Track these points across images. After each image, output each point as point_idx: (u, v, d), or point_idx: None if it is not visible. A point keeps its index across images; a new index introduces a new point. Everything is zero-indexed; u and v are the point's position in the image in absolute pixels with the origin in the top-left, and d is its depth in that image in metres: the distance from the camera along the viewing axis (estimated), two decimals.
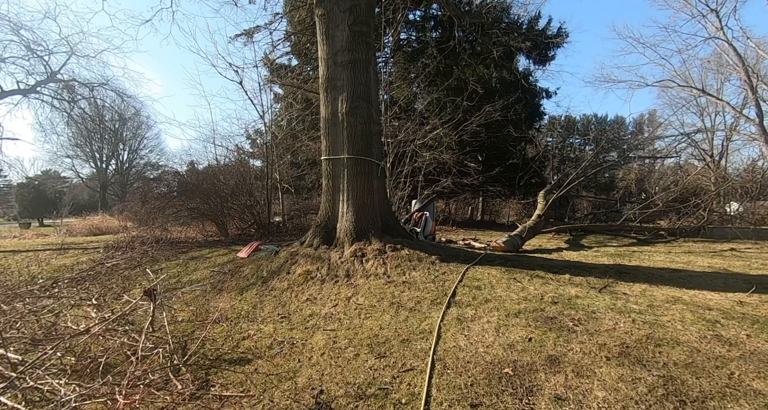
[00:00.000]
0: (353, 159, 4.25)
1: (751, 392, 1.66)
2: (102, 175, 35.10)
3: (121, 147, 37.14)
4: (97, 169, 35.83)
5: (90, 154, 35.22)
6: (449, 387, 1.81)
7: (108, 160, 36.46)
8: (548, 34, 14.53)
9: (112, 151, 36.43)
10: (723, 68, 21.97)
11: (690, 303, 2.76)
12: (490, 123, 11.39)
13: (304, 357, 2.22)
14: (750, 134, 22.37)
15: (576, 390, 1.75)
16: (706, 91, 23.43)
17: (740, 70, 19.54)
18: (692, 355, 1.97)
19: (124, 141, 36.92)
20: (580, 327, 2.35)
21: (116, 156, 37.13)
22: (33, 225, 20.82)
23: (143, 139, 37.58)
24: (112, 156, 36.74)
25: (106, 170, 35.94)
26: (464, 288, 3.11)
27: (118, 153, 37.16)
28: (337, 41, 4.22)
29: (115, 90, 23.31)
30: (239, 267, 4.44)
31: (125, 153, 37.78)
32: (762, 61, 20.38)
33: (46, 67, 19.45)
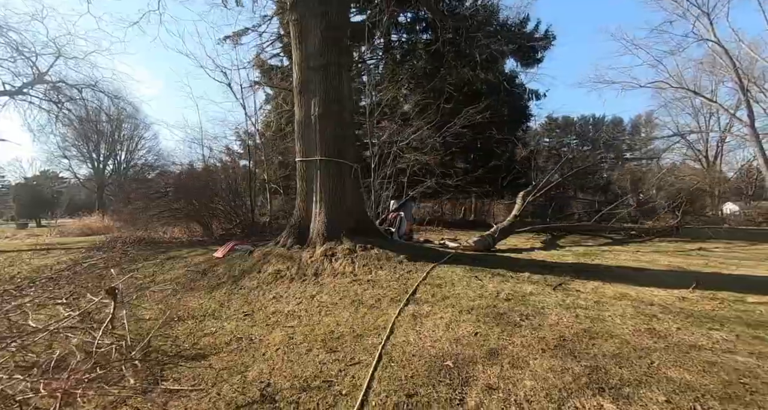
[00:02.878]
0: (326, 161, 4.33)
1: (665, 379, 1.77)
2: (99, 175, 34.77)
3: (119, 147, 36.98)
4: (94, 169, 35.60)
5: (87, 155, 35.07)
6: (390, 378, 1.90)
7: (105, 160, 36.27)
8: (536, 36, 14.76)
9: (109, 151, 36.25)
10: (717, 70, 22.08)
11: (635, 299, 2.89)
12: (475, 124, 11.56)
13: (259, 353, 2.29)
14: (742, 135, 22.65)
15: (508, 379, 1.85)
16: (698, 93, 23.67)
17: (731, 71, 19.82)
18: (621, 347, 2.09)
19: (121, 141, 36.79)
20: (526, 322, 2.46)
21: (114, 156, 36.94)
22: (30, 225, 20.57)
23: (141, 139, 37.40)
24: (110, 156, 36.54)
25: (103, 171, 35.68)
26: (426, 286, 3.21)
27: (116, 153, 36.98)
28: (310, 46, 4.30)
29: (104, 91, 23.15)
30: (213, 267, 4.48)
31: (123, 153, 37.58)
32: (755, 63, 20.38)
33: (33, 68, 19.20)
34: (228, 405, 1.74)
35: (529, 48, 14.10)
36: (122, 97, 28.86)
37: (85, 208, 20.48)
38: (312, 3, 4.21)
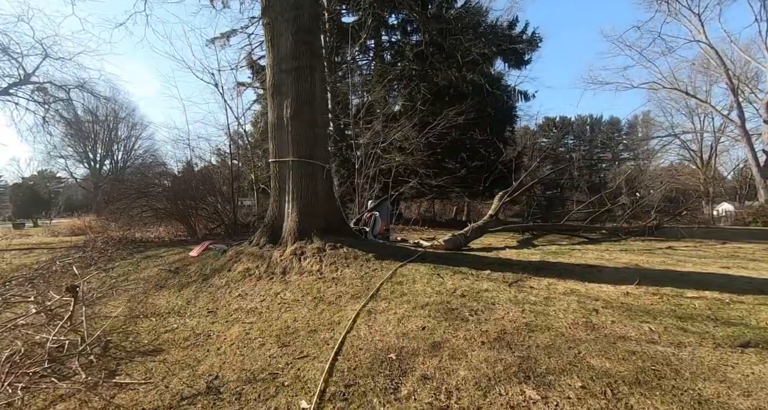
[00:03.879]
0: (298, 161, 4.40)
1: (587, 367, 1.89)
2: (96, 175, 34.40)
3: (116, 147, 36.79)
4: (90, 169, 35.26)
5: (84, 155, 34.84)
6: (334, 370, 1.99)
7: (102, 160, 36.04)
8: (523, 39, 14.96)
9: (106, 151, 36.01)
10: (709, 71, 22.48)
11: (583, 294, 3.03)
12: (460, 125, 11.71)
13: (214, 348, 2.36)
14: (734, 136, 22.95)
15: (444, 370, 1.95)
16: (690, 94, 24.00)
17: (722, 72, 20.17)
18: (555, 339, 2.21)
19: (118, 141, 36.63)
20: (474, 317, 2.57)
21: (111, 156, 36.66)
22: (27, 225, 20.31)
23: (138, 139, 37.19)
24: (106, 156, 36.27)
25: (100, 170, 35.34)
26: (388, 283, 3.31)
27: (113, 153, 36.74)
28: (282, 49, 4.36)
29: (92, 92, 23.02)
30: (186, 266, 4.52)
31: (119, 153, 37.34)
32: (749, 64, 20.73)
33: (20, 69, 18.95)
34: (173, 397, 1.81)
35: (516, 50, 14.30)
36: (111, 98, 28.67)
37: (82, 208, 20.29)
38: (283, 7, 4.27)
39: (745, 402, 1.58)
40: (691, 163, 31.36)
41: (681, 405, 1.58)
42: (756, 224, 16.69)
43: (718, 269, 4.21)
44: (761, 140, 19.44)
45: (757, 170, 18.80)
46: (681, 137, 29.40)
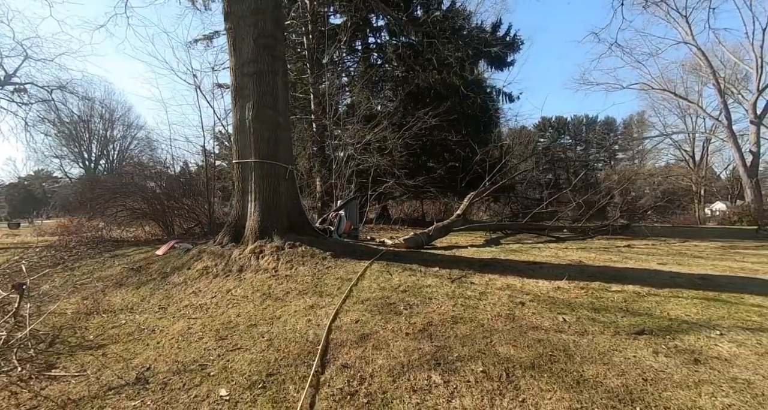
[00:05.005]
0: (260, 163, 4.47)
1: (493, 354, 2.04)
2: (91, 175, 33.80)
3: (111, 147, 36.27)
4: (85, 169, 34.63)
5: (79, 154, 34.24)
6: (261, 361, 2.09)
7: (97, 160, 35.40)
8: (506, 41, 15.21)
9: (101, 150, 35.48)
10: (698, 72, 22.74)
11: (517, 289, 3.19)
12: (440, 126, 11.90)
13: (154, 342, 2.43)
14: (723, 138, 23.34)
15: (364, 359, 2.08)
16: (679, 94, 24.36)
17: (709, 73, 20.61)
18: (474, 330, 2.36)
19: (113, 141, 36.17)
20: (407, 311, 2.71)
21: (106, 156, 36.09)
22: (23, 225, 19.84)
23: (133, 139, 36.70)
24: (101, 156, 35.70)
25: (95, 170, 34.72)
26: (337, 280, 3.42)
27: (108, 153, 36.18)
28: (244, 53, 4.42)
29: (75, 93, 22.71)
30: (150, 264, 4.55)
31: (115, 153, 36.77)
32: (738, 66, 21.05)
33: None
34: (101, 388, 1.89)
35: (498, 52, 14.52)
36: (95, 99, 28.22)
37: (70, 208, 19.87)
38: (245, 13, 4.34)
39: (616, 381, 1.75)
40: (683, 163, 31.68)
41: (562, 385, 1.74)
42: (741, 223, 16.83)
43: (656, 265, 4.44)
44: (749, 140, 19.85)
45: (744, 170, 19.06)
46: (673, 137, 29.74)
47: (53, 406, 1.74)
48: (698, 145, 29.97)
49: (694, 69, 23.23)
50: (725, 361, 1.89)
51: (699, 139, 29.18)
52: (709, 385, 1.69)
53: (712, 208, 25.72)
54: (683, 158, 31.40)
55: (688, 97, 25.35)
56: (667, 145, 30.80)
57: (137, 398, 1.79)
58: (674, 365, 1.88)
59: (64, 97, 22.67)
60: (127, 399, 1.78)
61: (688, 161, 30.86)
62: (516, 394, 1.71)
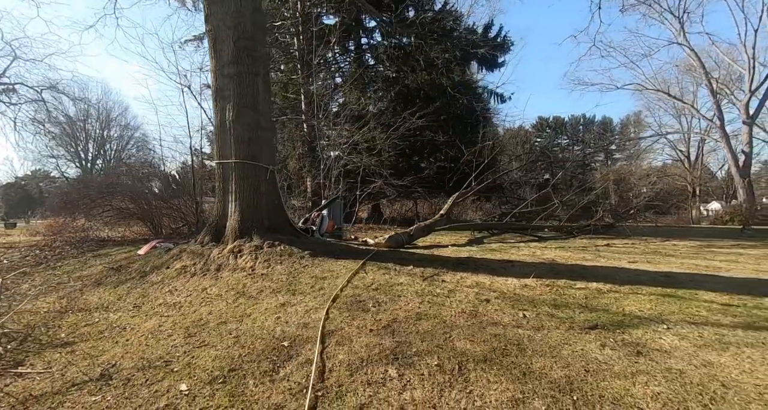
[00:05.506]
0: (240, 163, 4.50)
1: (450, 349, 2.11)
2: (87, 174, 33.45)
3: (108, 147, 36.01)
4: (82, 169, 34.30)
5: (75, 154, 33.94)
6: (225, 357, 2.14)
7: (94, 159, 35.10)
8: (498, 42, 15.33)
9: (97, 150, 35.24)
10: (691, 72, 22.85)
11: (486, 287, 3.27)
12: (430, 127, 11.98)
13: (123, 339, 2.46)
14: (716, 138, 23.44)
15: (327, 355, 2.13)
16: (673, 95, 24.44)
17: (702, 74, 20.78)
18: (436, 326, 2.43)
19: (110, 140, 35.97)
20: (375, 308, 2.77)
21: (102, 156, 35.82)
22: (20, 225, 19.59)
23: (130, 139, 36.44)
24: (98, 156, 35.41)
25: (91, 170, 34.38)
26: (312, 278, 3.47)
27: (104, 153, 35.92)
28: (224, 55, 4.44)
29: (65, 93, 22.53)
30: (130, 264, 4.55)
31: (112, 153, 36.50)
32: (732, 66, 21.07)
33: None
34: (64, 384, 1.92)
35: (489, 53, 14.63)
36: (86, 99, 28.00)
37: None
38: (224, 15, 4.36)
39: (560, 372, 1.82)
40: (679, 163, 31.70)
41: (509, 376, 1.82)
42: (732, 223, 17.01)
43: (625, 264, 4.56)
44: (742, 141, 19.94)
45: (736, 170, 19.25)
46: (668, 137, 29.73)
47: (14, 402, 1.76)
48: (693, 144, 30.04)
49: (687, 70, 23.34)
50: (665, 353, 1.98)
51: (694, 139, 29.30)
52: (645, 375, 1.77)
53: (708, 208, 25.85)
54: (679, 158, 31.45)
55: (684, 97, 25.40)
56: (662, 145, 30.90)
57: (98, 393, 1.82)
58: (617, 357, 1.96)
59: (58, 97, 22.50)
60: (88, 395, 1.81)
61: (683, 161, 30.90)
62: (465, 386, 1.78)
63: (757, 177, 31.40)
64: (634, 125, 37.85)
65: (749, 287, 3.26)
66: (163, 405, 1.69)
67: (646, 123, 32.65)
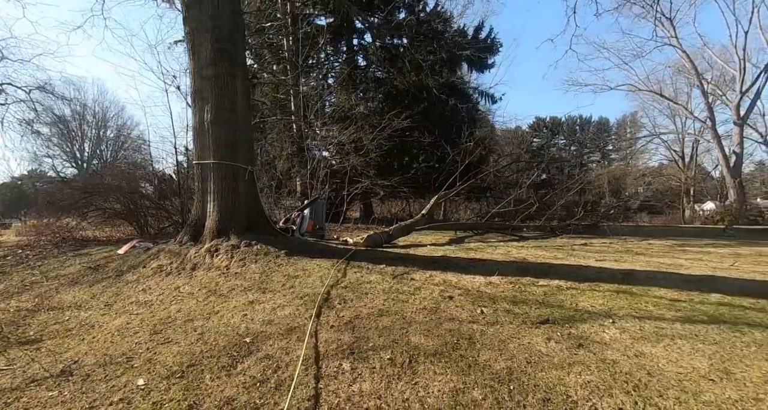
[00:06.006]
0: (218, 164, 4.52)
1: (405, 343, 2.18)
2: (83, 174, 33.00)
3: (104, 147, 35.60)
4: (78, 169, 33.84)
5: (71, 154, 33.47)
6: (187, 353, 2.18)
7: (90, 159, 34.62)
8: (488, 43, 15.49)
9: (93, 150, 34.77)
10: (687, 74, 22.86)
11: (452, 284, 3.35)
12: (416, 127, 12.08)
13: (90, 337, 2.49)
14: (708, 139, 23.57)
15: (286, 350, 2.18)
16: (665, 96, 24.54)
17: (693, 75, 21.00)
18: (395, 321, 2.50)
19: (107, 140, 35.59)
20: (341, 305, 2.83)
21: (98, 156, 35.36)
22: (15, 225, 19.21)
23: (127, 139, 36.06)
24: (94, 155, 34.95)
25: (87, 170, 33.95)
26: (284, 277, 3.51)
27: (101, 153, 35.46)
28: (202, 57, 4.46)
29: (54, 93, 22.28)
30: (108, 263, 4.54)
31: (108, 152, 36.05)
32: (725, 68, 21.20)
33: None
34: (24, 380, 1.95)
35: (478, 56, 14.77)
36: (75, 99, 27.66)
37: None
38: (202, 18, 4.38)
39: (503, 364, 1.91)
40: (673, 163, 31.71)
41: (455, 369, 1.89)
42: (722, 222, 16.81)
43: (593, 262, 4.68)
44: (732, 141, 20.10)
45: (727, 170, 19.39)
46: (663, 137, 29.79)
47: None
48: (688, 145, 29.98)
49: (679, 71, 23.52)
50: (604, 345, 2.08)
51: (689, 139, 29.36)
52: (581, 366, 1.86)
53: (703, 208, 26.05)
54: (673, 158, 31.57)
55: (678, 98, 25.53)
56: (656, 145, 30.94)
57: (56, 389, 1.85)
58: (560, 349, 2.06)
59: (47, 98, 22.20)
60: (46, 390, 1.84)
61: (678, 161, 30.97)
62: (412, 378, 1.85)
63: (752, 177, 31.62)
64: (631, 125, 37.96)
65: (701, 283, 3.39)
66: (117, 399, 1.73)
67: (641, 123, 32.92)
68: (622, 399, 1.60)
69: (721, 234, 10.98)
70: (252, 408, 1.65)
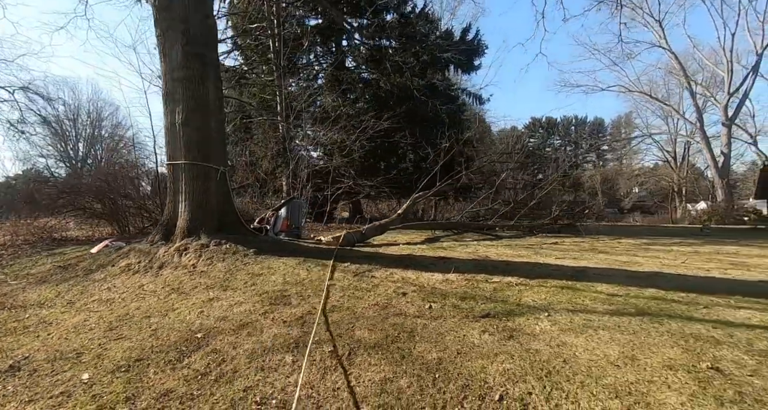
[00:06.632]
0: (190, 164, 4.53)
1: (349, 337, 2.26)
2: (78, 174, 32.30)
3: (99, 147, 34.91)
4: (72, 168, 33.11)
5: (65, 154, 32.76)
6: (137, 348, 2.22)
7: (84, 159, 33.88)
8: (474, 45, 15.66)
9: (87, 150, 34.10)
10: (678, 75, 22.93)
11: (410, 281, 3.45)
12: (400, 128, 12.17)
13: (45, 334, 2.50)
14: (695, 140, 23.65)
15: (234, 344, 2.24)
16: (655, 96, 24.73)
17: (682, 76, 21.38)
18: (345, 317, 2.58)
19: (101, 141, 34.91)
20: (297, 302, 2.89)
21: (92, 156, 34.66)
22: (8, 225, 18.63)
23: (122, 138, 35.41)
24: (88, 155, 34.24)
25: (81, 170, 33.23)
26: (248, 275, 3.56)
27: (96, 152, 34.76)
28: (173, 59, 4.47)
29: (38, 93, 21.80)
30: (79, 262, 4.51)
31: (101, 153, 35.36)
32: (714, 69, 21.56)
33: None
34: None
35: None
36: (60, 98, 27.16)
37: None
38: (172, 21, 4.38)
39: (435, 355, 2.00)
40: (666, 164, 32.06)
41: (390, 360, 1.98)
42: (709, 222, 17.02)
43: (552, 260, 4.84)
44: (721, 142, 20.34)
45: (716, 171, 19.67)
46: (655, 138, 29.94)
47: None
48: (680, 145, 30.32)
49: (670, 72, 23.86)
50: (532, 336, 2.20)
51: (681, 140, 29.69)
52: (505, 355, 1.97)
53: (696, 208, 26.49)
54: (666, 159, 31.69)
55: (671, 99, 25.98)
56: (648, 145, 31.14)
57: (0, 383, 1.88)
58: (491, 341, 2.16)
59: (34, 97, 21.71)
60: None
61: (670, 162, 31.22)
62: (348, 369, 1.93)
63: (744, 178, 32.02)
64: (625, 126, 38.35)
65: (645, 279, 3.56)
66: (58, 392, 1.77)
67: (635, 124, 33.38)
68: (533, 384, 1.71)
69: (698, 233, 11.37)
70: (188, 398, 1.70)
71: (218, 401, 1.67)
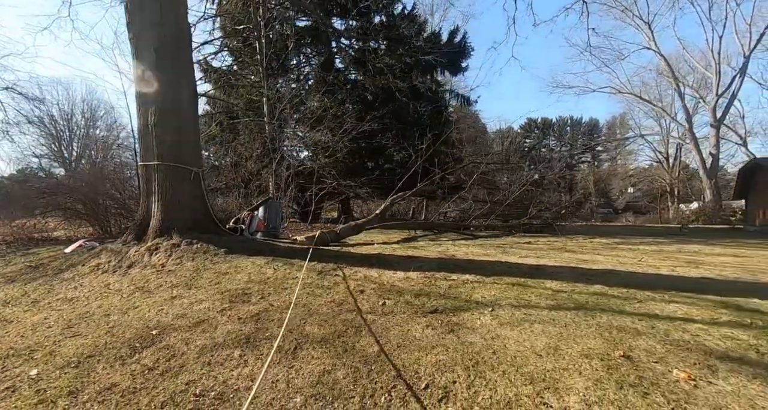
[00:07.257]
0: (162, 165, 4.53)
1: (298, 332, 2.32)
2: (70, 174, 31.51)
3: (93, 147, 34.14)
4: (66, 168, 32.31)
5: (59, 154, 31.99)
6: (91, 345, 2.25)
7: (78, 159, 33.11)
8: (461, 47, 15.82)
9: (81, 150, 33.33)
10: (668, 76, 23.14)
11: (371, 279, 3.53)
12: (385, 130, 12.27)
13: (3, 332, 2.51)
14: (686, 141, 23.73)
15: (187, 341, 2.29)
16: (644, 98, 24.90)
17: (670, 78, 21.46)
18: (299, 314, 2.64)
19: (96, 141, 34.19)
20: (257, 299, 2.95)
21: (87, 155, 33.87)
22: None
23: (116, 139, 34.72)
24: (82, 155, 33.47)
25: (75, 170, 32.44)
26: (215, 274, 3.59)
27: (89, 152, 33.98)
28: (146, 61, 4.46)
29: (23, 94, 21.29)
30: (51, 262, 4.48)
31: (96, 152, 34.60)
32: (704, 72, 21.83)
33: None
34: None
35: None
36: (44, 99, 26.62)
37: None
38: (144, 24, 4.38)
39: (376, 348, 2.08)
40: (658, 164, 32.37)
41: (333, 353, 2.05)
42: (696, 222, 17.59)
43: (515, 259, 4.98)
44: (709, 143, 20.69)
45: (704, 171, 19.99)
46: (647, 138, 30.12)
47: None
48: (673, 146, 30.69)
49: (661, 73, 24.20)
50: (471, 330, 2.30)
51: (673, 141, 30.11)
52: (441, 347, 2.06)
53: (690, 208, 26.91)
54: (658, 159, 31.98)
55: (663, 100, 26.32)
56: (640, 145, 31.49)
57: None
58: (432, 335, 2.26)
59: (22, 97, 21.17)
60: None
61: (663, 162, 31.54)
62: (291, 362, 2.00)
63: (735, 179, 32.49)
64: (620, 127, 38.76)
65: (596, 277, 3.71)
66: (4, 387, 1.80)
67: (629, 125, 33.81)
68: (459, 373, 1.80)
69: (676, 233, 11.69)
70: (130, 392, 1.75)
71: (158, 394, 1.72)
